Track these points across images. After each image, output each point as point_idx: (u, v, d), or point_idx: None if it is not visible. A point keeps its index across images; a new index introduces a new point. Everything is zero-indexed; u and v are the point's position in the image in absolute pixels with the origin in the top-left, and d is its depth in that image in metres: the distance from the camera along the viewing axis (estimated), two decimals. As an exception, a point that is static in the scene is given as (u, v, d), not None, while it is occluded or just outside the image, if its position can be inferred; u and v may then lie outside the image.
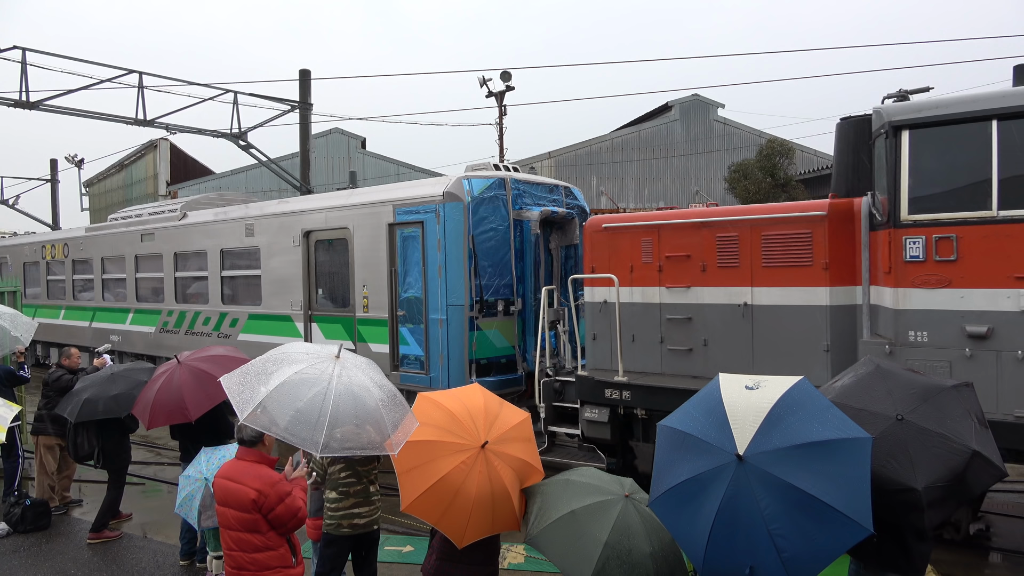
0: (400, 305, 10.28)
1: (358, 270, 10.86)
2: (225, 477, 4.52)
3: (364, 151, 35.54)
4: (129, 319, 15.92)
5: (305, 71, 19.69)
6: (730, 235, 7.78)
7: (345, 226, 11.09)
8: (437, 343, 9.78)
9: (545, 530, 4.15)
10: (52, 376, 8.56)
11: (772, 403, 3.54)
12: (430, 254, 9.84)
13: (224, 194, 16.15)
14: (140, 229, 15.56)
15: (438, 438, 4.27)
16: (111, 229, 16.74)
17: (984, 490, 3.94)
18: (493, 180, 10.00)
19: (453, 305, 9.66)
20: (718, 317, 7.88)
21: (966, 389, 4.03)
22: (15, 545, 7.69)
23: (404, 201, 10.30)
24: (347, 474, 5.31)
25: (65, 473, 8.88)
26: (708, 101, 30.05)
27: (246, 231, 12.93)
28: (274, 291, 12.28)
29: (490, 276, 9.85)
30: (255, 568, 4.39)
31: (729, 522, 3.34)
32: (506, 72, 25.50)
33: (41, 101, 16.07)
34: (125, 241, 16.03)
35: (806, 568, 3.26)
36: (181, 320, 14.32)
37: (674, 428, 3.77)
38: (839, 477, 3.30)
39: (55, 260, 19.02)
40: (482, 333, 9.82)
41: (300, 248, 11.80)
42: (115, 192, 39.11)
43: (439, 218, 9.72)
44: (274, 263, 12.30)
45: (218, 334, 13.42)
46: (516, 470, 4.34)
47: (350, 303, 11.02)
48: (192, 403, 6.40)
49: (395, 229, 10.38)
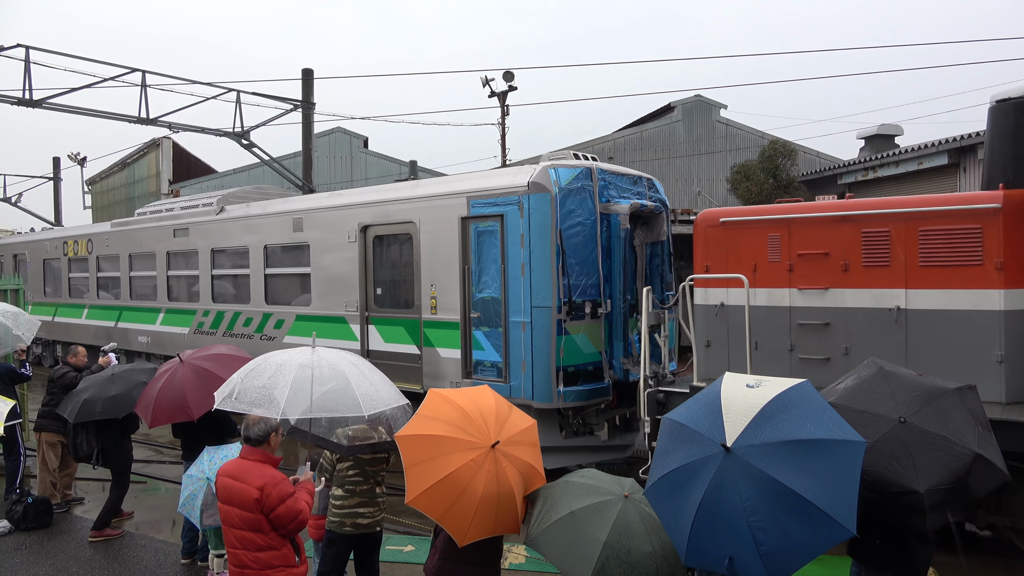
0: (474, 306, 9.41)
1: (425, 268, 9.99)
2: (228, 475, 4.52)
3: (366, 150, 35.50)
4: (160, 319, 15.09)
5: (308, 70, 19.70)
6: (879, 230, 6.96)
7: (410, 220, 10.21)
8: (519, 348, 8.91)
9: (545, 531, 4.16)
10: (57, 373, 8.58)
11: (767, 400, 3.56)
12: (511, 250, 8.99)
13: (262, 187, 15.30)
14: (173, 224, 14.65)
15: (449, 434, 4.26)
16: (140, 224, 15.88)
17: (986, 493, 3.93)
18: (580, 170, 9.11)
19: (538, 307, 8.79)
20: (863, 322, 7.05)
21: (969, 392, 4.04)
22: (17, 543, 7.71)
23: (480, 192, 9.40)
24: (355, 472, 5.33)
25: (67, 471, 8.90)
26: (711, 102, 30.01)
27: (294, 226, 12.01)
28: (325, 290, 11.43)
29: (577, 275, 8.95)
30: (258, 567, 4.39)
31: (712, 512, 3.37)
32: (508, 72, 25.50)
33: (44, 99, 16.09)
34: (156, 237, 15.17)
35: (784, 563, 3.27)
36: (219, 321, 13.48)
37: (673, 420, 3.82)
38: (825, 476, 3.30)
39: (78, 257, 18.07)
40: (570, 338, 8.90)
41: (356, 244, 10.91)
42: (117, 190, 39.10)
43: (522, 211, 8.86)
44: (326, 260, 11.45)
45: (261, 336, 12.61)
46: (522, 473, 4.35)
47: (415, 304, 10.17)
48: (194, 402, 6.41)
49: (469, 223, 9.51)
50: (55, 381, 8.51)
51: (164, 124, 17.75)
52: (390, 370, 9.77)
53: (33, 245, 20.39)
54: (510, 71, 25.48)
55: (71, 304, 18.36)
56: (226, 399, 4.95)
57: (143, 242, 15.59)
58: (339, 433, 5.26)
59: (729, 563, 3.32)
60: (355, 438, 5.27)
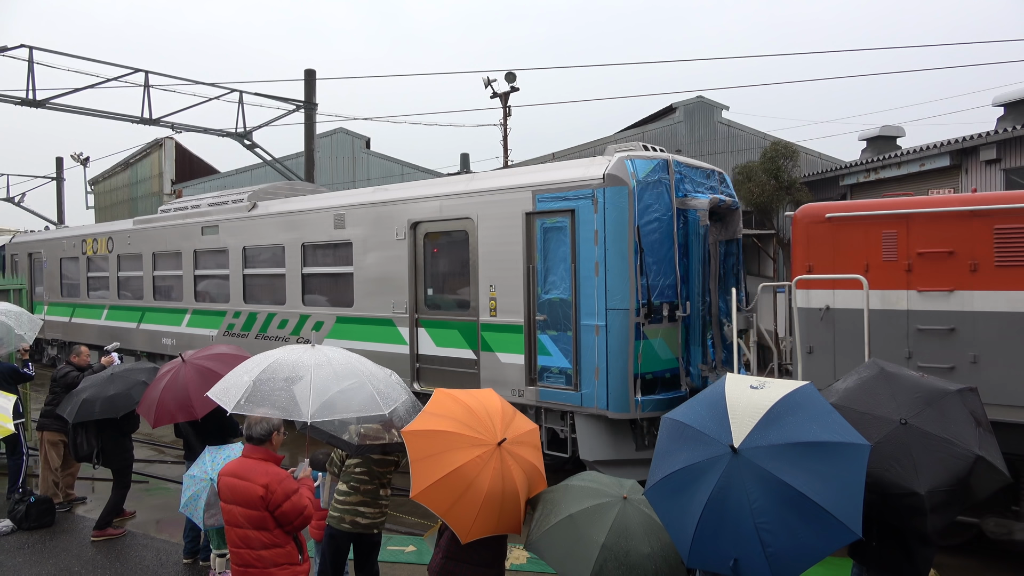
0: (539, 308, 8.78)
1: (483, 267, 9.35)
2: (231, 475, 4.54)
3: (368, 151, 35.53)
4: (186, 320, 14.36)
5: (310, 71, 19.75)
6: (1016, 227, 6.39)
7: (467, 216, 9.58)
8: (591, 354, 8.31)
9: (544, 534, 4.17)
10: (59, 372, 8.60)
11: (773, 401, 3.56)
12: (583, 248, 8.37)
13: (294, 184, 14.60)
14: (201, 221, 13.94)
15: (456, 430, 4.29)
16: (165, 222, 15.16)
17: (987, 495, 3.93)
18: (657, 162, 8.52)
19: (615, 309, 8.17)
20: (995, 328, 6.49)
21: (970, 393, 4.04)
22: (19, 542, 7.72)
23: (548, 186, 8.77)
24: (362, 471, 5.34)
25: (69, 470, 8.91)
26: (712, 103, 30.00)
27: (335, 223, 11.28)
28: (370, 291, 10.77)
29: (655, 275, 8.40)
30: (261, 565, 4.40)
31: (718, 512, 3.37)
32: (510, 73, 25.52)
33: (48, 99, 16.14)
34: (182, 235, 14.46)
35: (790, 565, 3.27)
36: (251, 322, 12.81)
37: (675, 420, 3.81)
38: (832, 478, 3.31)
39: (98, 256, 17.23)
40: (648, 343, 8.28)
41: (406, 242, 10.25)
42: (120, 190, 39.17)
43: (596, 205, 8.23)
44: (371, 259, 10.78)
45: (298, 339, 11.87)
46: (527, 473, 4.37)
47: (471, 305, 9.53)
48: (198, 401, 6.41)
49: (534, 219, 8.87)
50: (57, 380, 8.54)
51: (167, 124, 17.82)
52: (442, 376, 9.75)
53: (50, 243, 19.65)
54: (512, 72, 25.51)
55: (90, 304, 17.61)
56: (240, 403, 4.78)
57: (168, 240, 14.89)
58: (351, 430, 5.27)
59: (734, 564, 3.32)
60: (366, 436, 5.28)
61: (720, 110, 30.39)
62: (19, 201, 29.69)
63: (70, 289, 18.56)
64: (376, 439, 5.26)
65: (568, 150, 31.15)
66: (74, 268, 18.32)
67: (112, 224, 17.80)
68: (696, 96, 29.49)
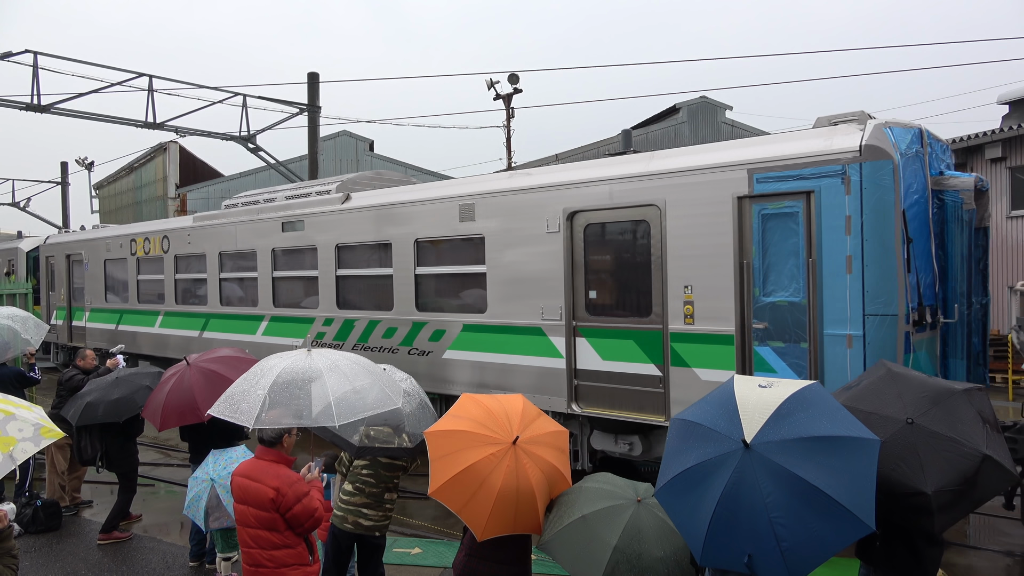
0: (757, 314, 7.22)
1: (673, 264, 7.78)
2: (243, 475, 4.57)
3: (372, 153, 35.65)
4: (262, 329, 12.68)
5: (313, 74, 19.80)
6: None
7: (649, 202, 7.97)
8: (842, 371, 6.70)
9: (557, 535, 4.19)
10: (65, 376, 8.63)
11: (783, 398, 3.57)
12: (827, 238, 6.81)
13: (382, 173, 12.95)
14: (281, 216, 12.30)
15: (471, 429, 4.37)
16: (234, 218, 13.44)
17: (995, 494, 3.92)
18: (914, 131, 7.08)
19: (877, 315, 6.61)
20: None
21: (977, 393, 4.02)
22: (26, 546, 7.74)
23: (771, 163, 7.15)
24: (368, 473, 5.35)
25: (75, 473, 8.93)
26: (716, 103, 30.01)
27: (461, 214, 9.62)
28: (509, 294, 9.08)
29: (921, 271, 7.01)
30: (273, 565, 4.44)
31: (731, 509, 3.36)
32: (513, 74, 25.55)
33: (52, 104, 16.22)
34: (257, 232, 12.76)
35: (804, 559, 3.27)
36: (347, 330, 11.19)
37: (685, 420, 3.81)
38: (844, 472, 3.31)
39: (150, 256, 15.52)
40: (916, 356, 6.86)
41: (560, 235, 8.60)
42: (125, 195, 39.33)
43: (849, 185, 6.69)
44: (510, 256, 9.09)
45: (410, 350, 10.23)
46: (545, 473, 4.38)
47: (654, 311, 7.93)
48: (204, 403, 6.42)
49: (749, 204, 7.29)
50: (63, 384, 8.56)
51: (171, 128, 17.88)
52: (611, 395, 8.20)
53: (92, 244, 17.81)
54: (515, 73, 25.54)
55: (141, 311, 15.84)
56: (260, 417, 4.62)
57: (239, 238, 13.17)
58: (361, 431, 5.28)
59: (749, 560, 3.31)
60: (376, 440, 5.29)
61: (724, 110, 30.38)
62: (24, 206, 29.81)
63: (116, 293, 16.94)
64: (385, 443, 5.28)
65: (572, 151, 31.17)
66: (121, 270, 16.64)
67: (167, 222, 16.26)
68: (700, 96, 29.48)
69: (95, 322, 17.59)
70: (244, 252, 13.09)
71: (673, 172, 7.91)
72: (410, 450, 5.27)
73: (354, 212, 11.20)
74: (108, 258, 17.06)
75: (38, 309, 20.31)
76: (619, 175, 8.30)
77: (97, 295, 17.56)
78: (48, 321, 19.46)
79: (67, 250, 19.02)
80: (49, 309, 19.97)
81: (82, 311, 18.19)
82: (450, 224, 9.80)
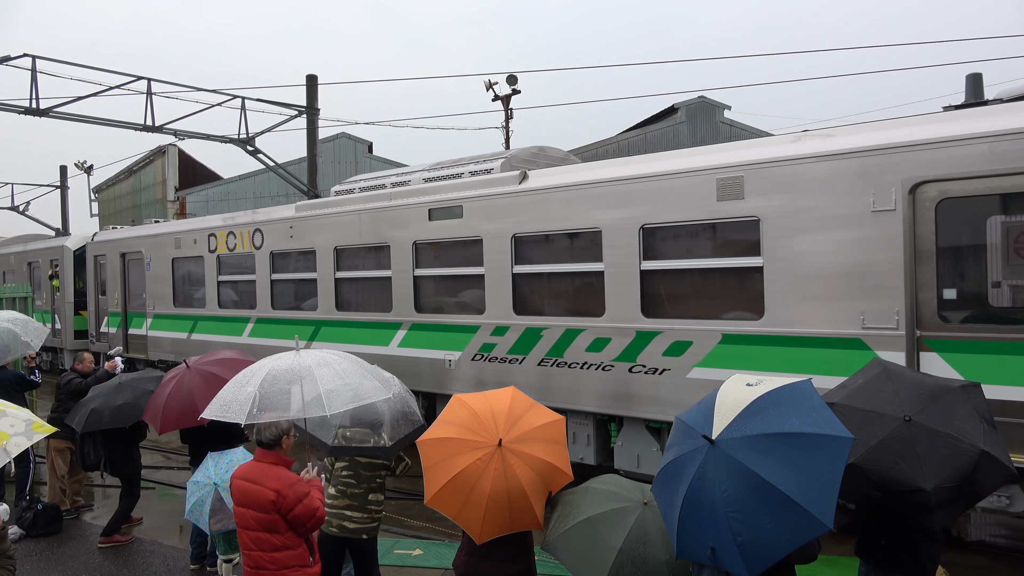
0: None
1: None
2: (243, 478, 4.57)
3: (371, 155, 35.67)
4: (398, 339, 10.60)
5: (312, 76, 19.81)
6: None
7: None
8: None
9: (561, 536, 4.20)
10: (63, 380, 8.64)
11: (757, 396, 3.60)
12: None
13: (545, 149, 10.78)
14: (427, 202, 10.23)
15: (458, 435, 4.39)
16: (352, 205, 11.37)
17: (993, 490, 3.93)
18: None
19: None
20: None
21: (974, 389, 4.04)
22: (27, 549, 7.75)
23: None
24: (348, 474, 5.36)
25: (76, 477, 8.94)
26: (714, 103, 30.01)
27: (721, 191, 7.54)
28: (804, 294, 7.05)
29: None
30: (274, 567, 4.44)
31: (696, 503, 3.43)
32: (512, 75, 25.58)
33: (51, 108, 16.20)
34: (392, 222, 10.69)
35: (760, 554, 3.28)
36: (530, 341, 9.02)
37: (680, 419, 3.91)
38: (804, 470, 3.30)
39: (236, 254, 13.41)
40: None
41: (896, 214, 6.53)
42: (124, 198, 39.35)
43: None
44: (801, 244, 7.04)
45: (632, 367, 8.09)
46: (536, 470, 4.37)
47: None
48: (204, 406, 6.41)
49: None
50: (62, 388, 8.58)
51: (170, 131, 17.86)
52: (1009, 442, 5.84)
53: (157, 240, 15.69)
54: (513, 75, 25.57)
55: (223, 317, 13.72)
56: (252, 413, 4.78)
57: (363, 230, 11.14)
58: (338, 432, 5.31)
59: (711, 553, 3.37)
60: (352, 440, 5.31)
61: (722, 110, 30.39)
62: (24, 210, 29.80)
63: (188, 297, 14.81)
64: (361, 443, 5.29)
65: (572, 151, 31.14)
66: (196, 270, 14.54)
67: (260, 213, 13.68)
68: (698, 96, 29.49)
69: (159, 330, 15.53)
70: (372, 246, 11.04)
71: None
72: (386, 449, 5.27)
73: (538, 194, 9.01)
74: (178, 256, 14.94)
75: (84, 315, 18.99)
76: (1007, 129, 6.04)
77: (162, 299, 15.39)
78: (96, 330, 18.02)
79: (122, 248, 16.86)
80: (99, 316, 17.97)
81: (142, 317, 16.11)
82: (702, 204, 7.69)
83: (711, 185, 7.64)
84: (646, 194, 8.12)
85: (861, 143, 6.82)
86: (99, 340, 17.83)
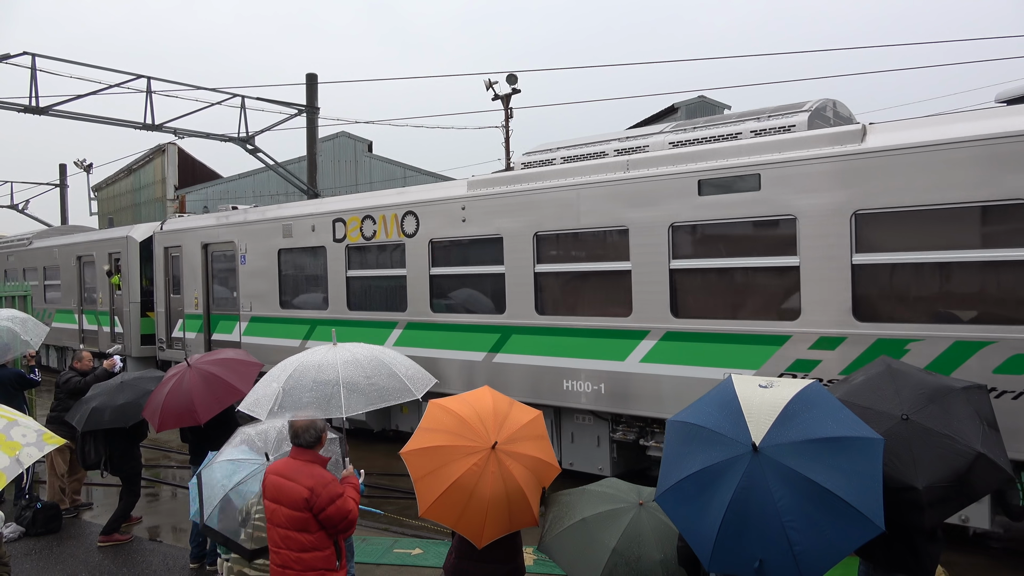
0: None
1: None
2: (278, 474, 4.51)
3: (371, 154, 35.64)
4: (642, 351, 8.18)
5: (312, 75, 19.82)
6: None
7: None
8: None
9: (556, 537, 4.21)
10: (62, 378, 8.64)
11: (788, 399, 3.54)
12: None
13: (836, 103, 8.28)
14: (694, 171, 7.80)
15: (449, 443, 4.32)
16: (568, 178, 8.88)
17: (989, 492, 3.93)
18: None
19: None
20: None
21: (977, 391, 4.04)
22: (27, 548, 7.75)
23: None
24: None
25: (76, 476, 8.94)
26: (714, 103, 30.02)
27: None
28: None
29: None
30: (300, 567, 4.38)
31: (741, 514, 3.32)
32: (512, 75, 25.56)
33: (51, 106, 16.19)
34: (633, 198, 8.28)
35: (817, 562, 3.25)
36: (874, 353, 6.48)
37: (685, 423, 3.74)
38: (852, 473, 3.30)
39: (375, 243, 11.04)
40: None
41: None
42: (124, 196, 39.33)
43: None
44: None
45: (1016, 394, 6.00)
46: (530, 468, 4.38)
47: None
48: (201, 406, 6.44)
49: None
50: (62, 387, 8.57)
51: (169, 130, 17.86)
52: None
53: (255, 228, 13.12)
54: (513, 74, 25.55)
55: (359, 321, 11.28)
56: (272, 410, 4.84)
57: (584, 209, 8.69)
58: (247, 534, 5.14)
59: (759, 566, 3.27)
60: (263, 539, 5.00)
61: (722, 109, 30.40)
62: (23, 208, 29.81)
63: (301, 296, 12.45)
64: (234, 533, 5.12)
65: (570, 151, 31.11)
66: (313, 264, 12.15)
67: (411, 191, 11.15)
68: (698, 96, 29.50)
69: (258, 335, 12.99)
70: (597, 231, 8.69)
71: None
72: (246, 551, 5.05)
73: (900, 155, 6.57)
74: (285, 247, 12.47)
75: (151, 317, 16.13)
76: None
77: (264, 299, 12.87)
78: (167, 335, 15.29)
79: (206, 237, 14.21)
80: (170, 318, 15.20)
81: (231, 320, 13.59)
82: None
83: None
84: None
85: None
86: (170, 347, 15.24)
